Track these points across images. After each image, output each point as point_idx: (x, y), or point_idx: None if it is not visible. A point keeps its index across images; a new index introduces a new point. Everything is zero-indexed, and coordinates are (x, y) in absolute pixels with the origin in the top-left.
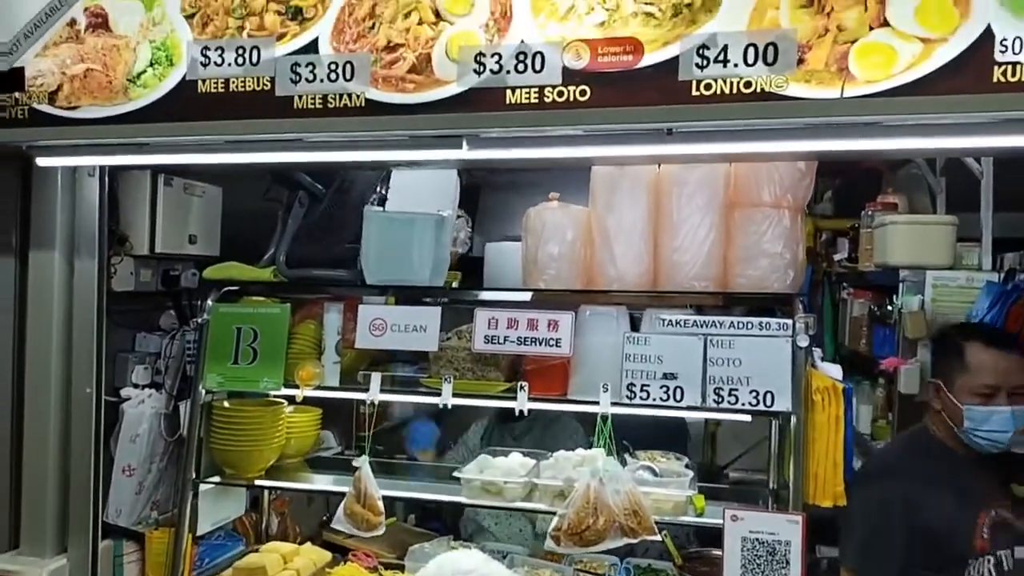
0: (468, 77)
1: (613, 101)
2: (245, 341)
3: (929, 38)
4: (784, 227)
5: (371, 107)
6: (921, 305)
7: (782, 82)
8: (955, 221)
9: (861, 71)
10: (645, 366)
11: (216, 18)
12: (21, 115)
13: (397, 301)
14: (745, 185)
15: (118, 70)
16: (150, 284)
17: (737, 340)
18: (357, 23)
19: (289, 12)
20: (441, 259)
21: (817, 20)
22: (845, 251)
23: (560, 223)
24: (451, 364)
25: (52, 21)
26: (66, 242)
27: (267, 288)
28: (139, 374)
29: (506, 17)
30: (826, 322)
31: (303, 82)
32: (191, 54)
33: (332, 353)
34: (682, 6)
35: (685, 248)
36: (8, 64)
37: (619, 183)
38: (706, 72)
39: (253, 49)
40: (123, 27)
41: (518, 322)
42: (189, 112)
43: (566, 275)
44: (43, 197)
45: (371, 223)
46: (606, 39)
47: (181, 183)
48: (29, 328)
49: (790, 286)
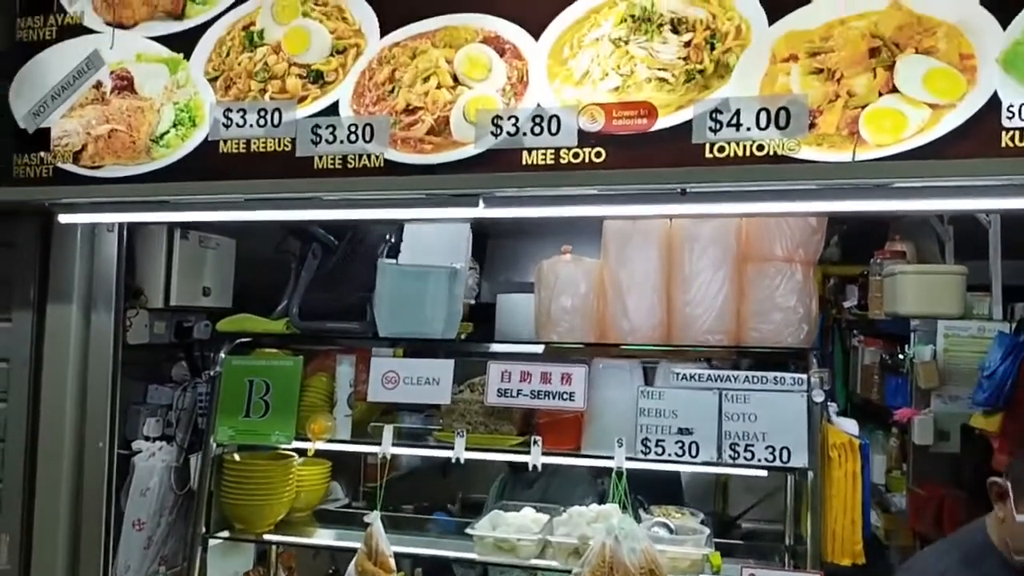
0: (485, 139)
1: (628, 163)
2: (257, 394)
3: (938, 104)
4: (797, 281)
5: (390, 167)
6: (933, 355)
7: (794, 145)
8: (964, 271)
9: (872, 135)
10: (660, 420)
11: (239, 81)
12: (46, 174)
13: (405, 353)
14: (757, 240)
15: (142, 131)
16: (164, 336)
17: (752, 395)
18: (377, 87)
19: (310, 76)
20: (454, 311)
21: (827, 86)
22: (855, 298)
23: (573, 276)
24: (464, 417)
25: (79, 84)
26: (83, 296)
27: (279, 339)
28: (150, 426)
29: (523, 82)
30: (837, 369)
31: (323, 143)
32: (214, 115)
33: (344, 406)
34: (695, 72)
35: (698, 302)
36: (35, 125)
37: (631, 236)
38: (719, 135)
39: (275, 111)
40: (148, 89)
41: (531, 375)
42: (211, 171)
43: (579, 328)
44: (62, 251)
45: (385, 276)
46: (621, 103)
47: (197, 236)
48: (44, 381)
49: (804, 340)
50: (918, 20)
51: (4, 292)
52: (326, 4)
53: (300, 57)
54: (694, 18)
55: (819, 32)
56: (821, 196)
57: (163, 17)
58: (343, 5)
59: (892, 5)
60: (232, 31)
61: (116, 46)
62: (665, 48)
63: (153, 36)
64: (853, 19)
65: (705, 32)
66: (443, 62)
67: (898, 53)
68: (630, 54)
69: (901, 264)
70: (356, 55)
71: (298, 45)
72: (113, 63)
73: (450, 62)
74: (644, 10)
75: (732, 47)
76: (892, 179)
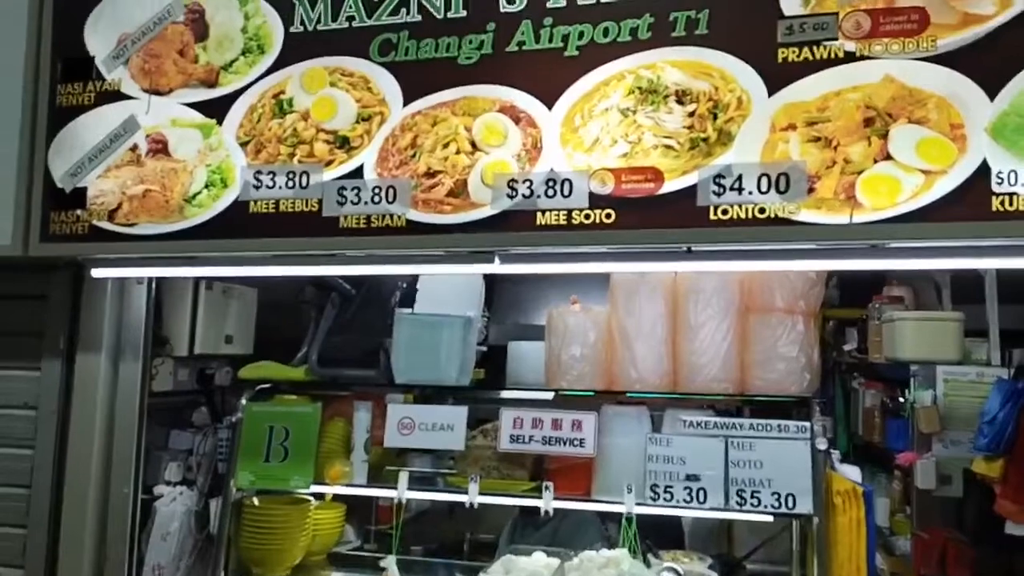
0: (501, 201)
1: (636, 223)
2: (277, 439)
3: (930, 170)
4: (799, 332)
5: (411, 227)
6: (934, 400)
7: (794, 209)
8: (962, 317)
9: (868, 199)
10: (668, 467)
11: (269, 145)
12: (81, 231)
13: (416, 399)
14: (759, 292)
15: (175, 191)
16: (187, 383)
17: (757, 442)
18: (400, 152)
19: (337, 141)
20: (468, 358)
21: (825, 153)
22: (854, 341)
23: (582, 325)
24: (477, 463)
25: (116, 146)
26: (112, 346)
27: (298, 385)
28: (172, 471)
29: (537, 148)
30: (838, 411)
31: (348, 204)
32: (244, 177)
33: (361, 451)
34: (699, 140)
35: (703, 351)
36: (72, 184)
37: (638, 288)
38: (723, 199)
39: (303, 174)
40: (182, 152)
41: (543, 422)
42: (241, 230)
43: (588, 375)
44: (93, 303)
45: (401, 325)
46: (629, 168)
47: (220, 286)
48: (72, 429)
49: (806, 389)
50: (910, 92)
51: (34, 342)
52: (352, 75)
53: (327, 124)
54: (697, 90)
55: (816, 103)
56: (820, 255)
57: (197, 85)
58: (369, 76)
59: (885, 78)
60: (263, 99)
61: (152, 111)
62: (670, 118)
63: (187, 102)
64: (848, 91)
65: (708, 103)
66: (462, 129)
67: (891, 123)
68: (637, 123)
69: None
70: (380, 122)
71: (326, 113)
72: (148, 127)
73: (468, 129)
74: (650, 83)
75: (734, 117)
76: (888, 240)
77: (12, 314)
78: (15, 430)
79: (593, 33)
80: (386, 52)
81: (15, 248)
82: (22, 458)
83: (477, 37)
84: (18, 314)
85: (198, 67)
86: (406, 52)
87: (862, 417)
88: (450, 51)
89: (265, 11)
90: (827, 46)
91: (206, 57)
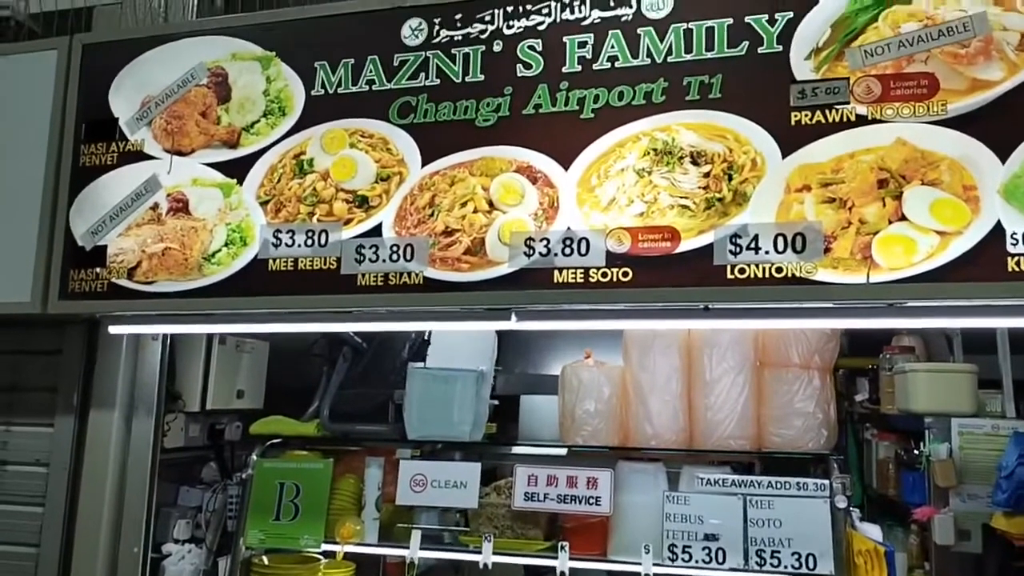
0: (519, 259)
1: (654, 282)
2: (287, 497)
3: (945, 231)
4: (815, 387)
5: (428, 284)
6: (949, 453)
7: (811, 268)
8: (975, 369)
9: (884, 259)
10: (686, 526)
11: (289, 204)
12: (101, 288)
13: (423, 453)
14: (774, 347)
15: (195, 249)
16: (198, 439)
17: (776, 500)
18: (418, 211)
19: (356, 200)
20: (481, 413)
21: (840, 214)
22: (866, 392)
23: (596, 380)
24: (491, 521)
25: (137, 205)
26: (126, 402)
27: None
28: (180, 529)
29: (553, 207)
30: (851, 462)
31: (367, 262)
32: (264, 236)
33: (372, 508)
34: (714, 200)
35: (719, 407)
36: (93, 243)
37: (652, 343)
38: (739, 258)
39: (322, 232)
40: (202, 211)
41: (557, 479)
42: (259, 288)
43: (603, 431)
44: (107, 359)
45: (413, 379)
46: (646, 227)
47: (233, 341)
48: (83, 486)
49: (824, 445)
50: (922, 155)
51: (48, 398)
52: (372, 136)
53: (347, 183)
54: (712, 152)
55: (830, 165)
56: (838, 314)
57: (219, 146)
58: (388, 137)
59: (897, 141)
60: (284, 159)
61: (173, 171)
62: (686, 178)
63: (209, 163)
64: (861, 153)
65: (723, 164)
66: (479, 189)
67: (905, 184)
68: (653, 183)
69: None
70: (399, 182)
71: (345, 173)
72: (170, 187)
73: (486, 189)
74: (665, 144)
75: (749, 178)
76: (905, 300)
77: (26, 369)
78: (27, 487)
79: (608, 96)
80: (405, 114)
81: (34, 306)
82: (32, 516)
83: (495, 100)
84: (32, 369)
85: (220, 128)
86: (425, 114)
87: (876, 469)
88: (468, 113)
89: (287, 75)
90: (839, 110)
91: (228, 119)
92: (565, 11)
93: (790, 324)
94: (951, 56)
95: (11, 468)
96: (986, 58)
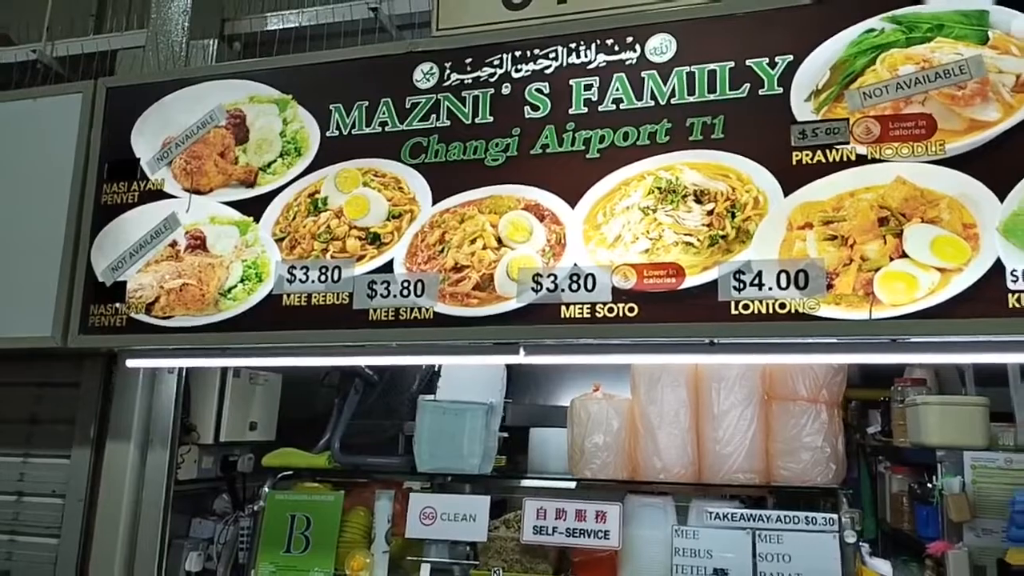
0: (527, 294)
1: (659, 317)
2: (298, 529)
3: (946, 268)
4: (823, 421)
5: (439, 319)
6: (962, 487)
7: (814, 304)
8: (987, 402)
9: (886, 296)
10: (695, 561)
11: (303, 242)
12: (119, 323)
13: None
14: (782, 380)
15: (211, 285)
16: (211, 471)
17: (785, 535)
18: (428, 247)
19: (368, 237)
20: (490, 447)
21: (842, 251)
22: (877, 424)
23: (605, 414)
24: (499, 555)
25: (156, 242)
26: (141, 434)
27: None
28: (192, 561)
29: (561, 244)
30: (864, 496)
31: (378, 297)
32: (279, 272)
33: (382, 542)
34: (718, 237)
35: (727, 440)
36: (112, 279)
37: (660, 376)
38: (743, 294)
39: (335, 269)
40: (219, 248)
41: (566, 513)
42: (274, 322)
43: (612, 464)
44: (124, 391)
45: (424, 412)
46: (651, 264)
47: (247, 374)
48: (98, 518)
49: (832, 479)
50: (921, 193)
51: (65, 430)
52: (384, 176)
53: (360, 221)
54: (715, 190)
55: (831, 203)
56: (841, 349)
57: (236, 185)
58: (400, 177)
59: (897, 180)
60: (299, 197)
61: (192, 209)
62: (690, 216)
63: (226, 201)
64: (861, 192)
65: (726, 203)
66: (488, 226)
67: (905, 222)
68: (658, 221)
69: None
70: (410, 220)
71: (358, 211)
72: (188, 224)
73: (495, 226)
74: (669, 183)
75: (751, 216)
76: (907, 335)
77: (45, 401)
78: (43, 518)
79: (614, 137)
80: (416, 155)
81: (55, 340)
82: (47, 547)
83: (503, 141)
84: (51, 402)
85: (238, 168)
86: (435, 154)
87: (890, 503)
88: (477, 153)
89: (303, 117)
90: (839, 149)
91: (246, 159)
92: (571, 55)
93: (795, 359)
94: (948, 97)
95: (28, 499)
96: (983, 99)
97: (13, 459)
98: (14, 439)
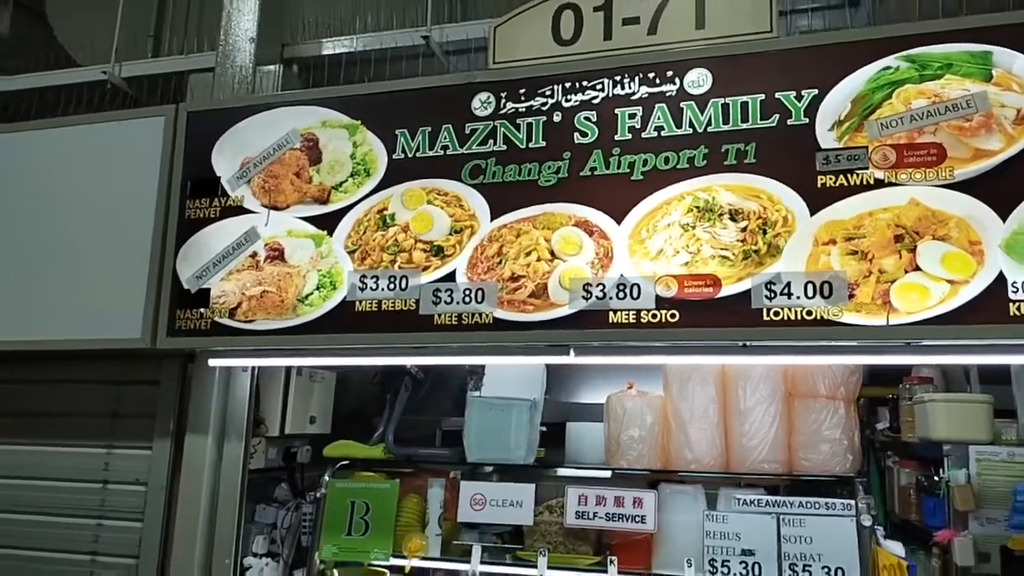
0: (577, 302)
1: (698, 322)
2: (358, 514)
3: (954, 280)
4: (840, 416)
5: (497, 324)
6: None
7: (837, 312)
8: (991, 399)
9: (902, 304)
10: (725, 542)
11: (373, 253)
12: (204, 326)
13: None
14: (803, 379)
15: (290, 292)
16: (275, 461)
17: (807, 519)
18: (488, 259)
19: (433, 250)
20: (533, 439)
21: (862, 264)
22: (886, 420)
23: (639, 409)
24: (544, 538)
25: (238, 253)
26: (217, 428)
27: (373, 461)
28: (259, 544)
29: (608, 257)
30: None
31: (442, 304)
32: (351, 281)
33: (435, 525)
34: (751, 251)
35: (753, 434)
36: (197, 286)
37: (691, 375)
38: (774, 302)
39: (402, 278)
40: (296, 259)
41: (606, 499)
42: (347, 326)
43: (646, 455)
44: (200, 389)
45: (472, 407)
46: (690, 275)
47: (308, 372)
48: (179, 504)
49: (849, 469)
50: (932, 214)
51: (147, 423)
52: (447, 194)
53: (425, 235)
54: (748, 209)
55: (852, 221)
56: (861, 352)
57: (311, 202)
58: (461, 195)
59: (911, 201)
60: (369, 214)
61: (270, 224)
62: (725, 232)
63: (302, 216)
64: (879, 212)
65: (758, 220)
66: (542, 240)
67: (918, 239)
68: (696, 236)
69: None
70: (471, 234)
71: (423, 226)
72: (267, 237)
73: (548, 240)
74: (706, 203)
75: (781, 232)
76: (920, 339)
77: (127, 398)
78: (127, 504)
79: (656, 161)
80: (476, 175)
81: (144, 341)
82: (132, 530)
83: (555, 163)
84: (133, 398)
85: (312, 187)
86: (493, 175)
87: (898, 495)
88: (531, 175)
89: (371, 141)
90: (860, 174)
91: (319, 178)
92: (616, 87)
93: (819, 360)
94: (956, 129)
95: (113, 487)
96: (987, 131)
97: (98, 450)
98: (98, 433)
